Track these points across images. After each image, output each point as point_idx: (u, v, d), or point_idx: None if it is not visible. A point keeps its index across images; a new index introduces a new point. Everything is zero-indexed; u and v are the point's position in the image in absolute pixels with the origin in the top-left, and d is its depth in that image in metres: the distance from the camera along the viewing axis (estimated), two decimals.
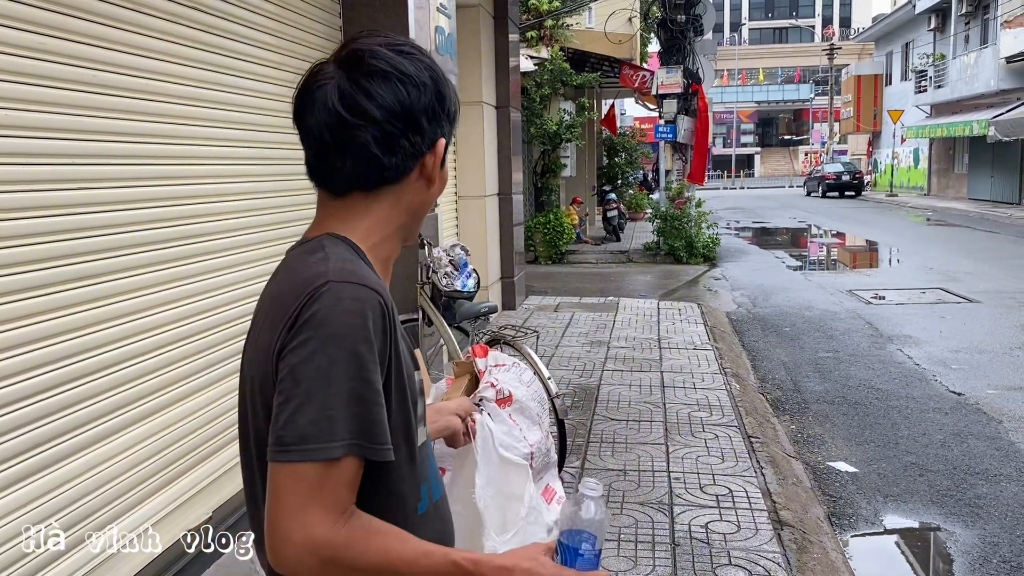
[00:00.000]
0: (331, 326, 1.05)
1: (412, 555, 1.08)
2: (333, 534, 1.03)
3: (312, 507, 1.02)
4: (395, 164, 1.18)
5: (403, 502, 1.19)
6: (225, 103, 3.12)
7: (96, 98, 2.38)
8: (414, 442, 1.20)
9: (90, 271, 2.34)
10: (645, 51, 21.28)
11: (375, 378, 1.07)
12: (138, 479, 2.53)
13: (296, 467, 1.02)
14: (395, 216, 1.24)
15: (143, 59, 2.61)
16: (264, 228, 3.35)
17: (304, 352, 1.05)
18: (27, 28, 2.11)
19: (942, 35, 32.35)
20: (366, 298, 1.08)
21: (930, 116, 33.00)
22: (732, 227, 22.26)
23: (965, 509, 4.31)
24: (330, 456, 1.02)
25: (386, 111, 1.15)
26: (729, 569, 3.41)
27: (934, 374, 6.83)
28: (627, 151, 20.84)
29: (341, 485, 1.04)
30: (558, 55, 13.88)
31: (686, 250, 14.11)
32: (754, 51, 63.56)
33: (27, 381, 2.09)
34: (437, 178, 1.25)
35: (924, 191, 34.71)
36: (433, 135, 1.21)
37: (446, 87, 1.22)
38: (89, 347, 2.32)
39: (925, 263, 13.65)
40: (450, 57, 5.39)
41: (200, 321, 2.88)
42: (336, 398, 1.03)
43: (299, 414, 1.03)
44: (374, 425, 1.06)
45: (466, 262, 4.85)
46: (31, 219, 2.13)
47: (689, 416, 5.40)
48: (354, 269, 1.13)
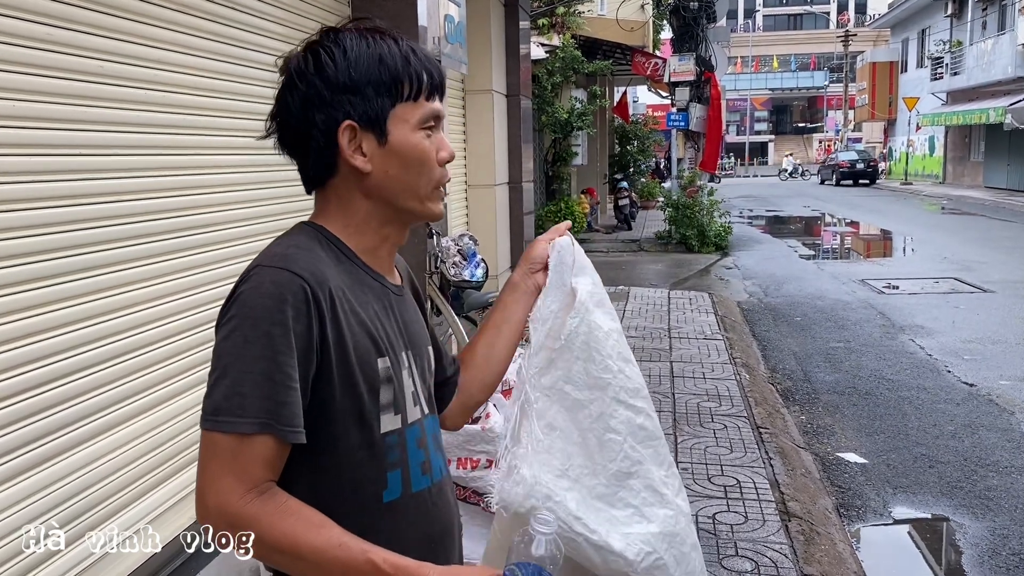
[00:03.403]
0: (248, 307, 1.10)
1: (322, 543, 1.08)
2: (241, 505, 1.07)
3: (225, 476, 1.07)
4: (314, 160, 1.22)
5: (359, 488, 1.19)
6: (231, 92, 3.11)
7: (96, 88, 2.36)
8: (372, 428, 1.19)
9: (89, 263, 2.31)
10: (658, 38, 21.13)
11: (287, 360, 1.08)
12: (136, 475, 2.49)
13: (212, 436, 1.08)
14: (356, 206, 1.24)
15: (148, 48, 2.59)
16: (265, 220, 3.34)
17: (225, 330, 1.11)
18: (35, 19, 2.11)
19: (959, 21, 31.99)
20: (286, 282, 1.10)
21: (946, 103, 32.69)
22: (745, 215, 22.15)
23: (975, 501, 4.29)
24: (240, 431, 1.07)
25: (282, 111, 1.22)
26: (736, 560, 3.41)
27: (946, 365, 6.79)
28: (639, 139, 20.74)
29: (254, 461, 1.08)
30: (569, 42, 13.79)
31: (698, 239, 14.07)
32: (768, 38, 63.06)
33: (23, 375, 2.05)
34: (366, 161, 1.20)
35: (939, 179, 34.43)
36: (330, 122, 1.19)
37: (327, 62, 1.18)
38: (85, 341, 2.28)
39: (939, 252, 13.55)
40: (460, 45, 5.36)
41: (201, 314, 2.86)
42: (247, 376, 1.07)
43: (215, 387, 1.09)
44: (283, 407, 1.08)
45: (475, 252, 4.84)
46: (29, 210, 2.11)
47: (698, 406, 5.39)
48: (287, 254, 1.15)
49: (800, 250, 14.95)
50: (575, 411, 1.43)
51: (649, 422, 1.50)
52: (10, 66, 2.05)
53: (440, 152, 1.27)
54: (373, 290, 1.25)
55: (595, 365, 1.44)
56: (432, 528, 1.27)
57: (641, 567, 1.38)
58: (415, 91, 1.22)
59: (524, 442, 1.38)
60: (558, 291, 1.49)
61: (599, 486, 1.41)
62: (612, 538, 1.37)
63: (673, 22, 15.10)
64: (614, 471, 1.42)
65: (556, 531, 1.15)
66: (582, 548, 1.35)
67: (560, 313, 1.47)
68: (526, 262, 1.52)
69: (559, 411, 1.42)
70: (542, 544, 1.13)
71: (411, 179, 1.24)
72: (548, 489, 1.34)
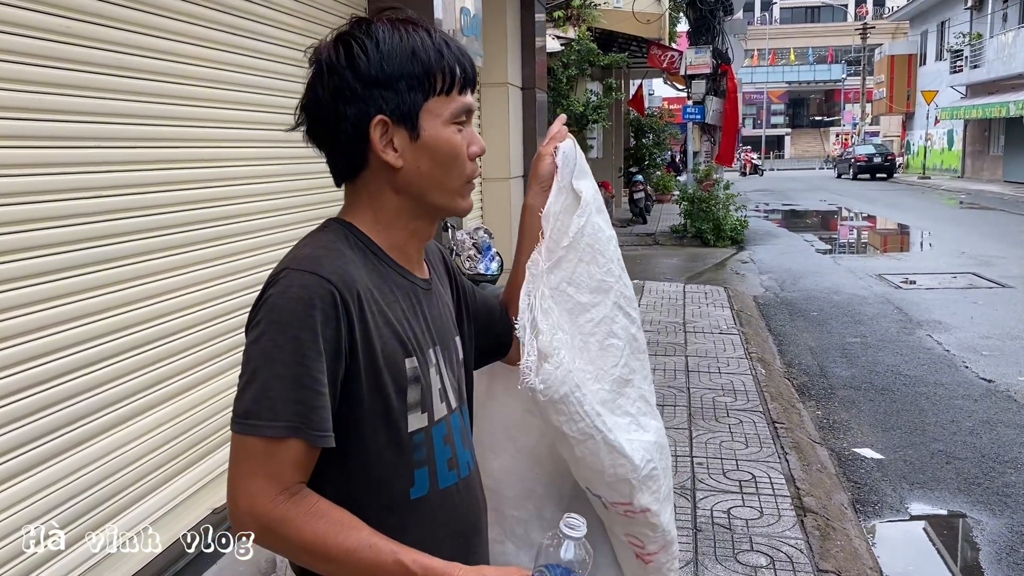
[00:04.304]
0: (276, 312, 1.09)
1: (352, 545, 1.09)
2: (272, 507, 1.07)
3: (256, 478, 1.08)
4: (344, 154, 1.21)
5: (387, 486, 1.19)
6: (249, 85, 3.12)
7: (117, 81, 2.37)
8: (399, 427, 1.19)
9: (105, 255, 2.30)
10: (674, 31, 21.00)
11: (316, 365, 1.08)
12: (137, 475, 2.44)
13: (244, 439, 1.08)
14: (386, 201, 1.23)
15: (167, 42, 2.61)
16: (286, 212, 3.35)
17: (254, 334, 1.11)
18: (54, 12, 2.13)
19: (979, 14, 31.62)
20: (314, 286, 1.10)
21: (965, 97, 32.36)
22: (761, 209, 22.03)
23: (993, 498, 4.26)
24: (270, 435, 1.07)
25: (311, 103, 1.20)
26: (751, 555, 3.40)
27: (964, 360, 6.74)
28: (655, 132, 20.63)
29: (285, 464, 1.08)
30: (585, 35, 13.74)
31: (713, 233, 14.00)
32: (785, 30, 62.56)
33: (22, 373, 2.01)
34: (397, 156, 1.19)
35: (958, 173, 34.10)
36: (361, 116, 1.18)
37: (359, 55, 1.16)
38: (88, 337, 2.23)
39: (957, 247, 13.44)
40: (475, 38, 5.35)
41: (216, 306, 2.84)
42: (276, 380, 1.07)
43: (245, 391, 1.09)
44: (312, 411, 1.08)
45: (489, 245, 4.85)
46: (49, 203, 2.11)
47: (713, 401, 5.38)
48: (316, 256, 1.14)
49: (817, 244, 14.85)
50: (577, 314, 1.41)
51: (640, 334, 1.51)
52: (28, 59, 2.07)
53: (471, 146, 1.25)
54: (401, 288, 1.24)
55: (598, 268, 1.43)
56: (460, 524, 1.27)
57: (643, 474, 1.38)
58: (448, 85, 1.20)
59: (546, 331, 1.32)
60: (566, 192, 1.46)
61: (602, 391, 1.39)
62: (623, 441, 1.36)
63: (689, 14, 15.02)
64: (615, 377, 1.41)
65: (585, 533, 1.12)
66: (598, 447, 1.33)
67: (563, 215, 1.44)
68: (536, 181, 1.49)
69: (561, 313, 1.39)
70: (571, 548, 1.11)
71: (443, 174, 1.22)
72: (579, 379, 1.31)
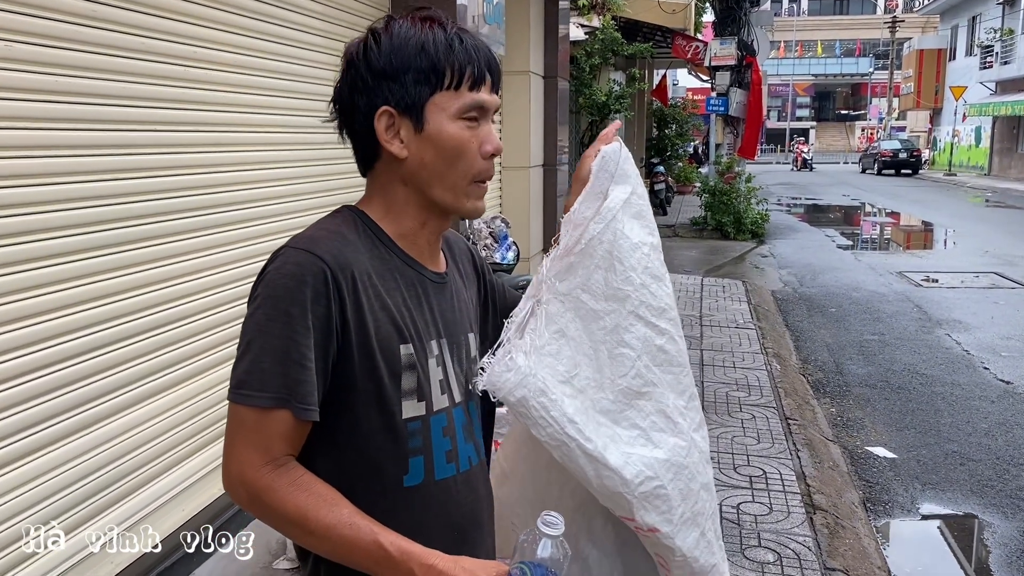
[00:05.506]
0: (271, 287, 1.14)
1: (332, 521, 1.11)
2: (258, 476, 1.11)
3: (246, 447, 1.12)
4: (359, 144, 1.26)
5: (380, 471, 1.21)
6: (268, 70, 3.13)
7: (136, 64, 2.39)
8: (393, 413, 1.20)
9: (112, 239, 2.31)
10: (699, 21, 20.82)
11: (304, 341, 1.12)
12: (131, 467, 2.41)
13: (237, 408, 1.13)
14: (395, 191, 1.26)
15: (187, 25, 2.63)
16: (300, 197, 3.35)
17: (252, 307, 1.16)
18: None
19: (1011, 9, 31.10)
20: (308, 264, 1.14)
21: (995, 93, 31.87)
22: (783, 203, 21.87)
23: (1006, 500, 4.23)
24: (260, 404, 1.11)
25: (336, 95, 1.26)
26: (759, 551, 3.40)
27: (982, 361, 6.68)
28: (678, 123, 20.51)
29: (273, 434, 1.12)
30: (609, 24, 13.64)
31: (734, 226, 13.92)
32: (813, 22, 61.82)
33: (17, 359, 2.00)
34: (402, 147, 1.22)
35: (985, 171, 33.65)
36: (370, 107, 1.22)
37: (372, 48, 1.21)
38: (85, 324, 2.21)
39: (981, 246, 13.28)
40: (498, 26, 5.34)
41: (225, 292, 2.83)
42: (267, 353, 1.11)
43: (240, 361, 1.13)
44: (299, 384, 1.12)
45: (506, 234, 4.84)
46: (58, 185, 2.12)
47: (727, 395, 5.37)
48: (315, 237, 1.19)
49: (838, 240, 14.73)
50: (589, 321, 1.39)
51: (672, 346, 1.44)
52: (57, 42, 2.09)
53: (484, 145, 1.24)
54: (405, 277, 1.25)
55: (616, 276, 1.39)
56: (456, 517, 1.27)
57: (639, 490, 1.33)
58: (456, 81, 1.21)
59: (528, 338, 1.34)
60: (596, 198, 1.43)
61: (604, 400, 1.37)
62: (609, 452, 1.32)
63: (715, 5, 14.88)
64: (623, 387, 1.38)
65: (562, 532, 1.12)
66: (574, 456, 1.31)
67: (584, 222, 1.42)
68: (578, 183, 1.47)
69: (573, 319, 1.38)
70: (548, 546, 1.12)
71: (445, 168, 1.23)
72: (544, 385, 1.30)
